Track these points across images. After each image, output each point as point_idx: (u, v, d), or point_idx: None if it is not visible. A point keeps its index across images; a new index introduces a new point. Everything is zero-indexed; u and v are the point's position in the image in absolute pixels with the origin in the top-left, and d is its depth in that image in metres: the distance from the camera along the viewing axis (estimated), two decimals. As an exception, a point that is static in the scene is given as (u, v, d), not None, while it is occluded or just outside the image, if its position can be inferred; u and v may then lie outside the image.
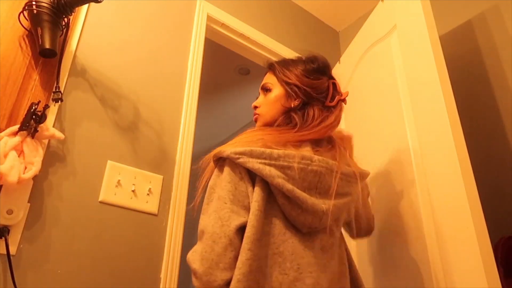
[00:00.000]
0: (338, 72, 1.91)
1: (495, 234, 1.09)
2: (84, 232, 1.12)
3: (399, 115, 1.30)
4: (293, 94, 1.01)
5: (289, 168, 0.84)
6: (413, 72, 1.27)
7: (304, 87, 1.01)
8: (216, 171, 0.87)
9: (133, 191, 1.24)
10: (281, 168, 0.84)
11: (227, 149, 0.85)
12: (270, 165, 0.83)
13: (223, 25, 1.79)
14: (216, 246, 0.75)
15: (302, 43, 2.11)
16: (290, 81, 1.02)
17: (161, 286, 1.20)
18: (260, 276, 0.77)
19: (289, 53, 1.89)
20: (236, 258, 0.75)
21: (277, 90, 1.03)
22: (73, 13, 1.19)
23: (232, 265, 0.75)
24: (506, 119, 1.41)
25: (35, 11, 1.10)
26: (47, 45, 1.10)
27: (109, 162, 1.23)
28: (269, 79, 1.06)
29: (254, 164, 0.83)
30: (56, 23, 1.13)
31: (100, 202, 1.17)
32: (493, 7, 1.56)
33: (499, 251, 1.14)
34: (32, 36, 1.14)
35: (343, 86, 1.79)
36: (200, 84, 1.57)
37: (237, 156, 0.83)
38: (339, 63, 1.91)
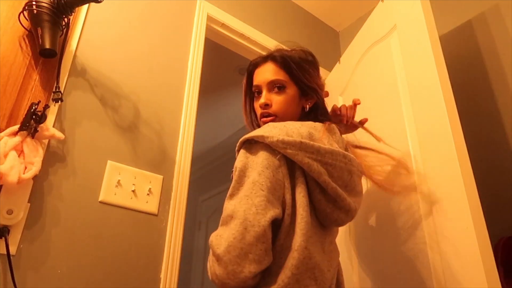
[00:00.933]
0: (338, 72, 1.91)
1: (495, 234, 1.09)
2: (84, 232, 1.12)
3: (399, 115, 1.30)
4: (310, 94, 0.99)
5: (332, 166, 0.83)
6: (413, 72, 1.27)
7: (318, 89, 1.00)
8: (244, 153, 0.81)
9: (133, 191, 1.24)
10: (325, 164, 0.82)
11: (274, 136, 0.79)
12: (317, 160, 0.81)
13: (223, 25, 1.79)
14: (248, 234, 0.68)
15: (302, 43, 2.10)
16: (309, 83, 0.99)
17: (161, 286, 1.20)
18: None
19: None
20: (267, 251, 0.70)
21: (292, 88, 0.98)
22: (73, 13, 1.19)
23: (262, 258, 0.69)
24: (506, 119, 1.41)
25: (35, 11, 1.10)
26: (47, 45, 1.10)
27: (109, 162, 1.23)
28: (280, 75, 0.98)
29: (303, 158, 0.79)
30: (56, 23, 1.13)
31: (100, 202, 1.17)
32: (493, 7, 1.56)
33: (499, 252, 1.14)
34: (32, 36, 1.14)
35: (343, 86, 1.80)
36: (200, 84, 1.57)
37: (284, 146, 0.79)
38: (339, 63, 1.91)
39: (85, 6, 1.32)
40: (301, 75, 0.98)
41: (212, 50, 1.81)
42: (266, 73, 1.00)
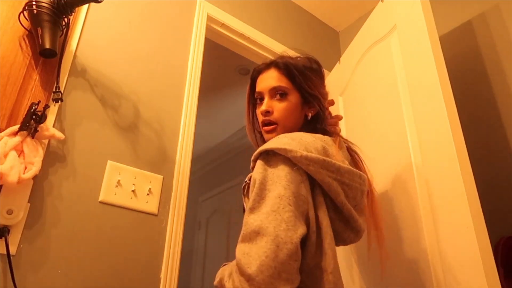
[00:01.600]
0: (338, 72, 1.91)
1: (495, 234, 1.10)
2: (84, 232, 1.12)
3: (399, 115, 1.30)
4: (312, 103, 0.97)
5: (349, 186, 0.82)
6: (413, 72, 1.27)
7: (321, 97, 0.98)
8: (263, 165, 0.78)
9: (133, 191, 1.24)
10: (343, 184, 0.81)
11: (297, 151, 0.76)
12: (336, 180, 0.80)
13: (223, 25, 1.79)
14: (281, 252, 0.64)
15: (302, 43, 2.11)
16: (312, 91, 0.97)
17: (161, 286, 1.20)
18: None
19: (290, 53, 1.90)
20: (297, 270, 0.67)
21: (294, 96, 0.96)
22: (73, 13, 1.19)
23: (294, 277, 0.65)
24: (506, 119, 1.41)
25: (35, 11, 1.10)
26: (47, 45, 1.10)
27: (109, 162, 1.23)
28: (282, 81, 0.97)
29: (324, 177, 0.78)
30: (56, 23, 1.13)
31: (100, 202, 1.17)
32: (493, 7, 1.56)
33: (499, 252, 1.14)
34: (32, 36, 1.14)
35: (343, 86, 1.80)
36: (200, 84, 1.57)
37: (308, 162, 0.76)
38: (339, 63, 1.91)
39: (85, 6, 1.33)
40: (304, 82, 0.96)
41: (212, 50, 1.81)
42: (269, 79, 0.98)
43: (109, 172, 1.21)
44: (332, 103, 1.08)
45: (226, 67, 2.82)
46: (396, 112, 1.32)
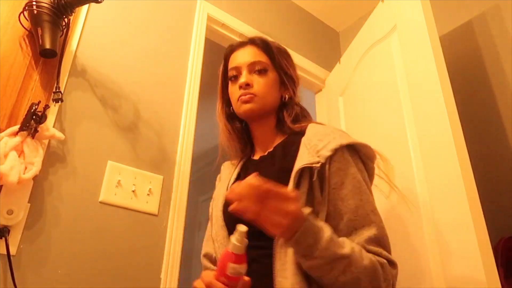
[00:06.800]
0: (338, 72, 1.91)
1: (495, 234, 1.10)
2: (84, 232, 1.12)
3: (399, 115, 1.30)
4: (288, 85, 0.94)
5: None
6: (413, 72, 1.27)
7: (296, 80, 0.97)
8: (354, 161, 0.80)
9: (133, 191, 1.24)
10: None
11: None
12: None
13: (223, 25, 1.79)
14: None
15: (302, 43, 2.11)
16: (289, 72, 0.95)
17: (161, 286, 1.19)
18: None
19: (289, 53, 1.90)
20: None
21: (273, 74, 0.94)
22: (73, 13, 1.19)
23: None
24: (506, 119, 1.41)
25: (35, 11, 1.10)
26: (48, 45, 1.10)
27: (109, 162, 1.23)
28: (262, 57, 0.94)
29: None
30: (56, 23, 1.13)
31: (100, 202, 1.17)
32: (493, 7, 1.56)
33: (499, 252, 1.14)
34: (33, 36, 1.14)
35: (343, 86, 1.80)
36: (200, 84, 1.57)
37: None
38: (339, 63, 1.91)
39: (85, 6, 1.32)
40: (281, 61, 0.95)
41: (212, 50, 1.81)
42: (247, 55, 0.95)
43: (109, 172, 1.21)
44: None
45: (226, 67, 2.82)
46: (396, 112, 1.32)
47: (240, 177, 0.97)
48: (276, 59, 0.94)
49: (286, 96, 0.94)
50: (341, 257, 0.66)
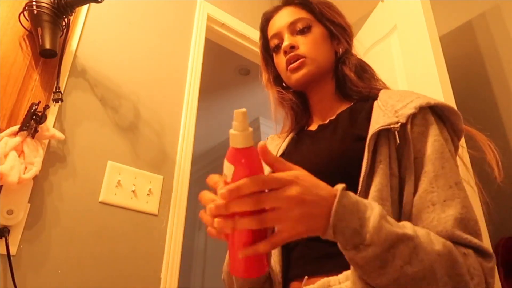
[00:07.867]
0: (338, 72, 1.91)
1: (495, 234, 1.09)
2: (84, 232, 1.12)
3: (399, 115, 1.30)
4: (339, 36, 0.81)
5: None
6: (413, 72, 1.27)
7: (348, 29, 0.83)
8: (439, 127, 0.65)
9: (133, 191, 1.24)
10: None
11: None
12: None
13: (223, 25, 1.79)
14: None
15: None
16: (337, 21, 0.82)
17: (161, 286, 1.20)
18: None
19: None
20: None
21: (318, 29, 0.80)
22: (73, 13, 1.19)
23: None
24: (506, 119, 1.41)
25: (35, 12, 1.10)
26: (48, 45, 1.10)
27: (109, 162, 1.23)
28: (301, 14, 0.80)
29: None
30: (56, 23, 1.13)
31: (100, 202, 1.17)
32: (493, 7, 1.56)
33: (500, 252, 1.14)
34: (33, 36, 1.14)
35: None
36: (200, 84, 1.57)
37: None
38: (339, 63, 1.91)
39: (85, 6, 1.32)
40: (326, 12, 0.81)
41: (212, 50, 1.81)
42: (284, 17, 0.82)
43: (109, 172, 1.21)
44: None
45: (226, 67, 2.82)
46: (396, 112, 1.32)
47: (286, 152, 0.82)
48: (318, 11, 0.80)
49: (340, 49, 0.81)
50: (404, 238, 0.48)
